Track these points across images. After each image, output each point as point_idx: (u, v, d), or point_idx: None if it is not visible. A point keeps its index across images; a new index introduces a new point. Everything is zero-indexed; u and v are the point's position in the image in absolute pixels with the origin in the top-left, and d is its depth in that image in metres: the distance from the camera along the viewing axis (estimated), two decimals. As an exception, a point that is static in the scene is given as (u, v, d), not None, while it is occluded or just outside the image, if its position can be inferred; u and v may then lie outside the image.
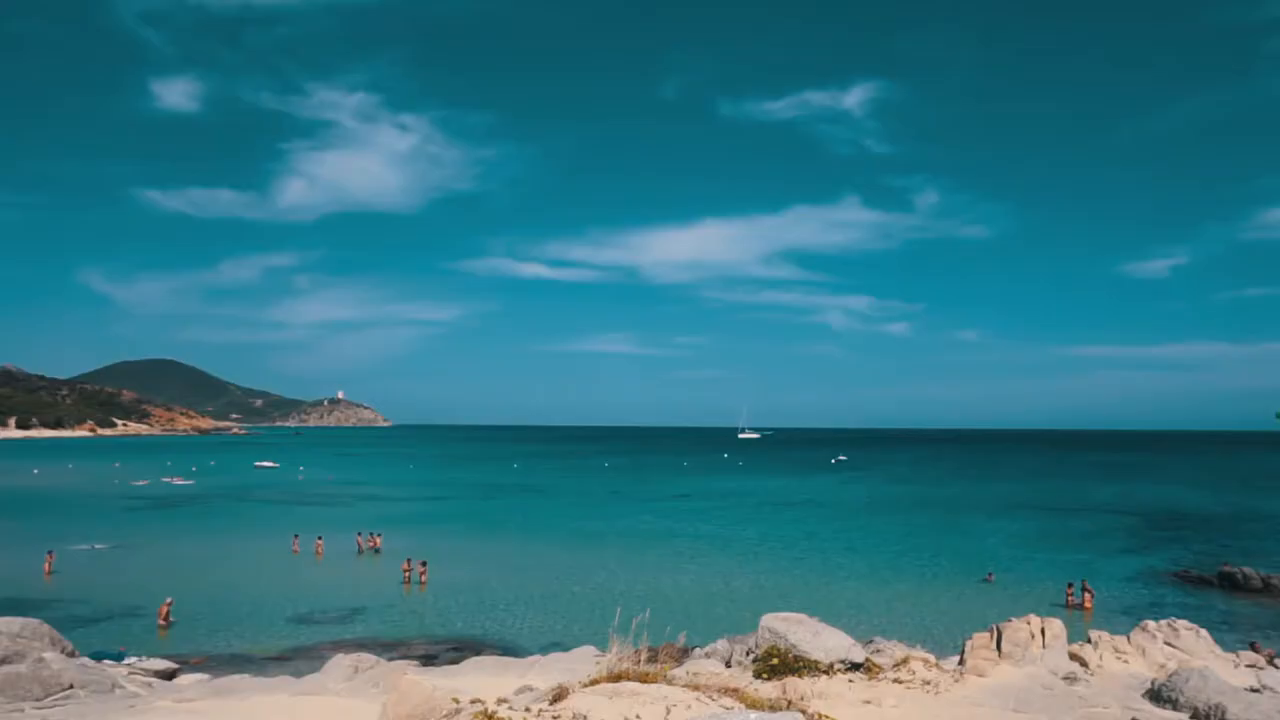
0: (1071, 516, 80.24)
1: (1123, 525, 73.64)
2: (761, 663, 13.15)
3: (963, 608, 38.79)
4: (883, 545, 60.67)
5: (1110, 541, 63.81)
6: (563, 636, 32.72)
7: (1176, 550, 59.76)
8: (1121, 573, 50.73)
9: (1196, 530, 70.84)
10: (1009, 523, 74.96)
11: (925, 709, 11.09)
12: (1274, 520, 78.68)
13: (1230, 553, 57.53)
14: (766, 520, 75.68)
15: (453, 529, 67.51)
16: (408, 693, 10.77)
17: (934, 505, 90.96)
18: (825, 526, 71.28)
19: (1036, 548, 60.14)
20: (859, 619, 34.73)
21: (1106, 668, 13.05)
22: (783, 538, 64.10)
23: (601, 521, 73.04)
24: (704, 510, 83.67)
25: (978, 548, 59.48)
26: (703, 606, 39.34)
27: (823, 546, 59.93)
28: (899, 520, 76.48)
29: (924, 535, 66.37)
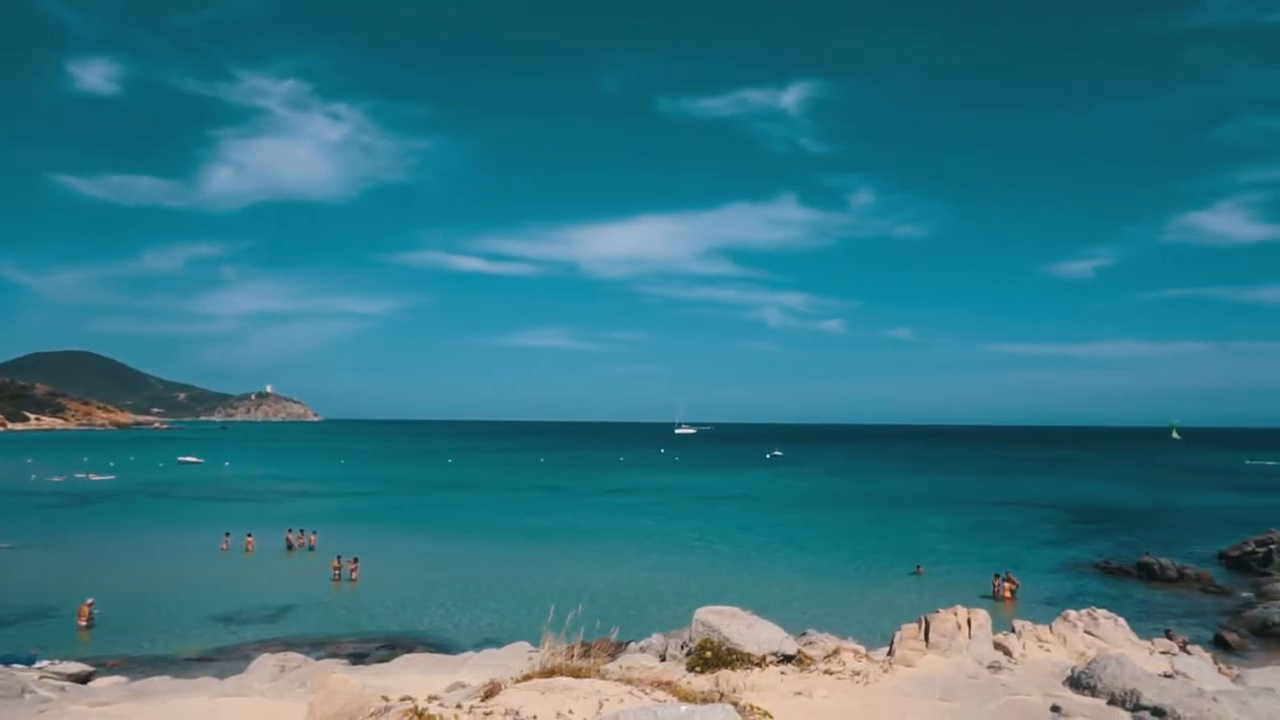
0: (999, 510, 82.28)
1: (1048, 518, 75.77)
2: (695, 656, 13.18)
3: (893, 600, 39.50)
4: (817, 539, 61.50)
5: (1036, 534, 65.61)
6: (497, 633, 32.46)
7: (1098, 542, 61.71)
8: (1046, 564, 52.21)
9: (1117, 523, 73.25)
10: (939, 516, 76.60)
11: (855, 699, 11.22)
12: (1188, 513, 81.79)
13: (1148, 544, 59.54)
14: (702, 515, 76.14)
15: (385, 525, 66.53)
16: (335, 691, 10.55)
17: (867, 499, 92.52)
18: (760, 521, 71.96)
19: (965, 540, 61.54)
20: (793, 612, 35.07)
21: (1030, 656, 13.37)
22: (718, 532, 64.56)
23: (537, 517, 72.68)
24: (640, 505, 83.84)
25: (909, 541, 60.63)
26: (638, 601, 39.39)
27: (758, 541, 60.50)
28: (833, 514, 77.65)
29: (857, 529, 67.46)
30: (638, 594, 41.47)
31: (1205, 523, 73.58)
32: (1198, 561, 51.54)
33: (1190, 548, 58.80)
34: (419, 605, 38.60)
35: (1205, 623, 38.24)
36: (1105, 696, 10.72)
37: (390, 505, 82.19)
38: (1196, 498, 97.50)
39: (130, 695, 16.90)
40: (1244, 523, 69.48)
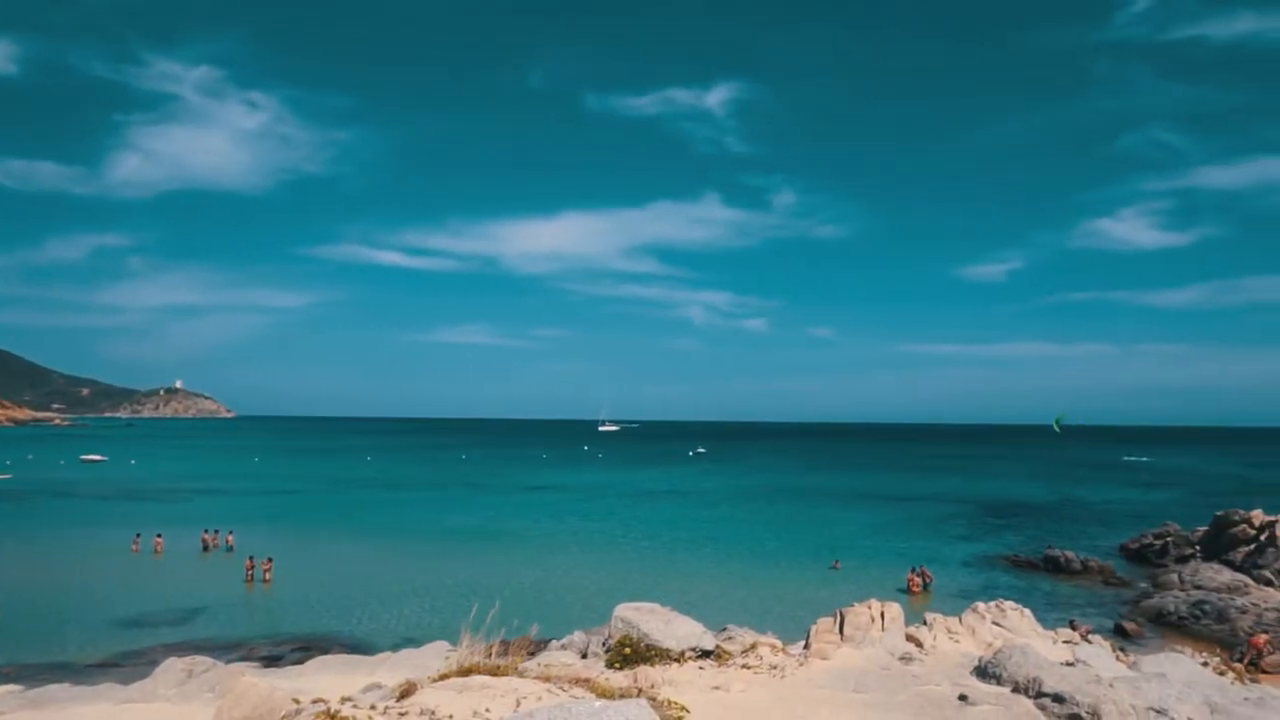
0: (915, 505, 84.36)
1: (961, 514, 77.94)
2: (614, 652, 13.21)
3: (812, 594, 40.13)
4: (738, 535, 62.17)
5: (950, 529, 67.45)
6: (416, 632, 32.02)
7: (1008, 536, 63.75)
8: (959, 558, 53.75)
9: (1025, 517, 75.78)
10: (857, 512, 78.20)
11: (771, 692, 11.38)
12: (1092, 507, 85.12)
13: (1054, 538, 61.83)
14: (625, 512, 76.29)
15: (301, 524, 64.97)
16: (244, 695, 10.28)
17: (788, 496, 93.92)
18: (683, 517, 72.44)
19: (882, 535, 62.95)
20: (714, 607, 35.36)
21: (940, 647, 13.74)
22: (642, 529, 64.79)
23: (458, 515, 71.90)
24: (563, 503, 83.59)
25: (828, 536, 61.76)
26: (561, 599, 39.29)
27: (681, 537, 60.88)
28: (754, 511, 78.61)
29: (778, 525, 68.43)
30: (560, 592, 41.36)
31: (1107, 517, 76.67)
32: (1100, 554, 53.69)
33: (1093, 541, 61.20)
34: (336, 606, 37.83)
35: (1106, 612, 39.87)
36: (1010, 685, 11.10)
37: (306, 504, 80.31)
38: (1098, 493, 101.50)
39: (26, 704, 16.18)
40: (1143, 517, 72.63)
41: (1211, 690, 12.86)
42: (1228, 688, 13.98)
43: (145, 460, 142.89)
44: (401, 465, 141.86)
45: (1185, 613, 37.68)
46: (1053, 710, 10.24)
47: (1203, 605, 37.59)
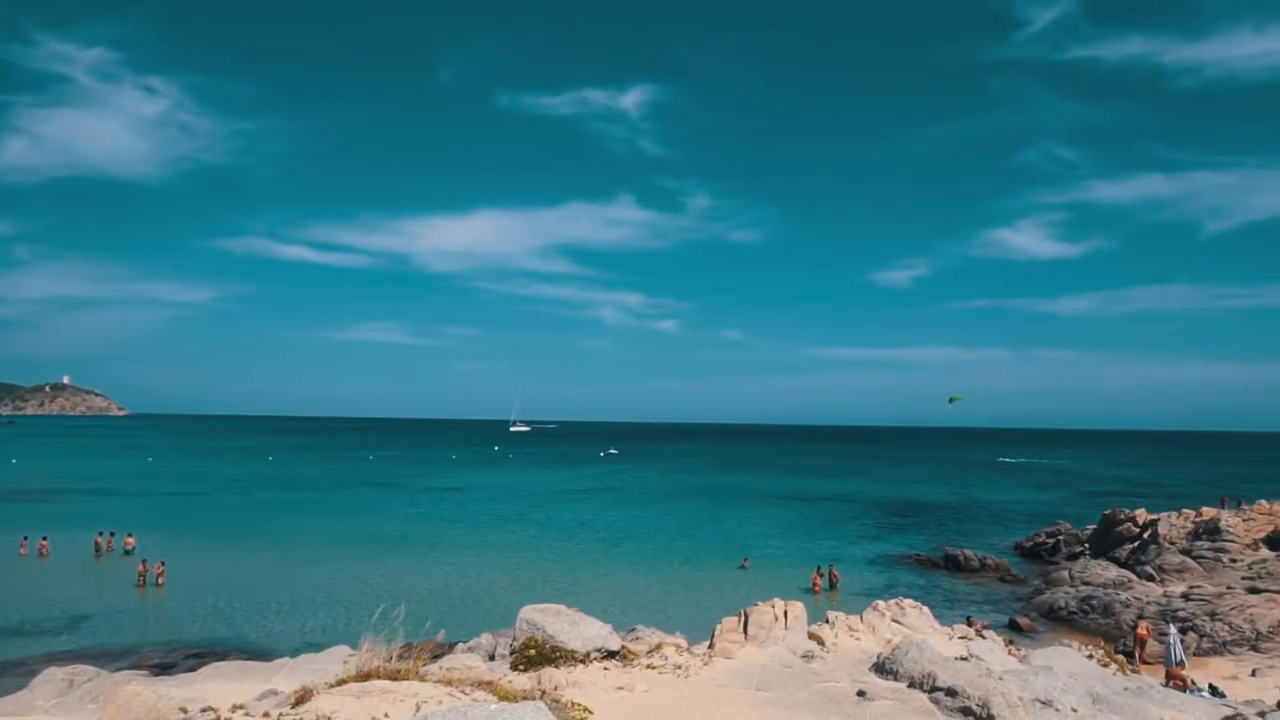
0: (822, 505, 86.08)
1: (866, 513, 79.86)
2: (519, 655, 13.08)
3: (719, 594, 40.55)
4: (649, 535, 62.45)
5: (856, 529, 69.03)
6: (317, 637, 31.19)
7: (911, 536, 65.57)
8: (864, 557, 55.04)
9: (928, 517, 78.09)
10: (766, 512, 79.39)
11: (674, 692, 11.42)
12: (989, 507, 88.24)
13: (955, 537, 63.90)
14: (537, 513, 75.85)
15: (197, 526, 62.68)
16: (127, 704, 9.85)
17: (699, 496, 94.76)
18: (594, 518, 72.41)
19: (790, 535, 64.04)
20: (624, 608, 35.51)
21: (841, 645, 14.01)
22: (552, 530, 64.51)
23: (364, 517, 70.38)
24: (473, 504, 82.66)
25: (737, 536, 62.54)
26: (469, 601, 38.87)
27: (592, 538, 60.85)
28: (665, 511, 79.08)
29: (688, 525, 68.97)
30: (468, 594, 40.91)
31: (1003, 516, 79.60)
32: (996, 552, 55.68)
33: (990, 539, 63.42)
34: (233, 611, 36.64)
35: (1002, 608, 41.39)
36: (906, 680, 11.38)
37: (204, 505, 77.51)
38: (995, 493, 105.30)
39: (-111, 718, 15.17)
40: (1037, 516, 75.68)
41: (1095, 681, 13.43)
42: (1110, 678, 14.61)
43: (28, 459, 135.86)
44: (306, 465, 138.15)
45: (1075, 607, 39.33)
46: (946, 704, 10.54)
47: (1090, 600, 39.30)
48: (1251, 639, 32.28)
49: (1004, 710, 10.19)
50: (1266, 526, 45.88)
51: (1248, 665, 30.72)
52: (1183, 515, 50.17)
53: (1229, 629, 32.85)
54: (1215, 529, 45.87)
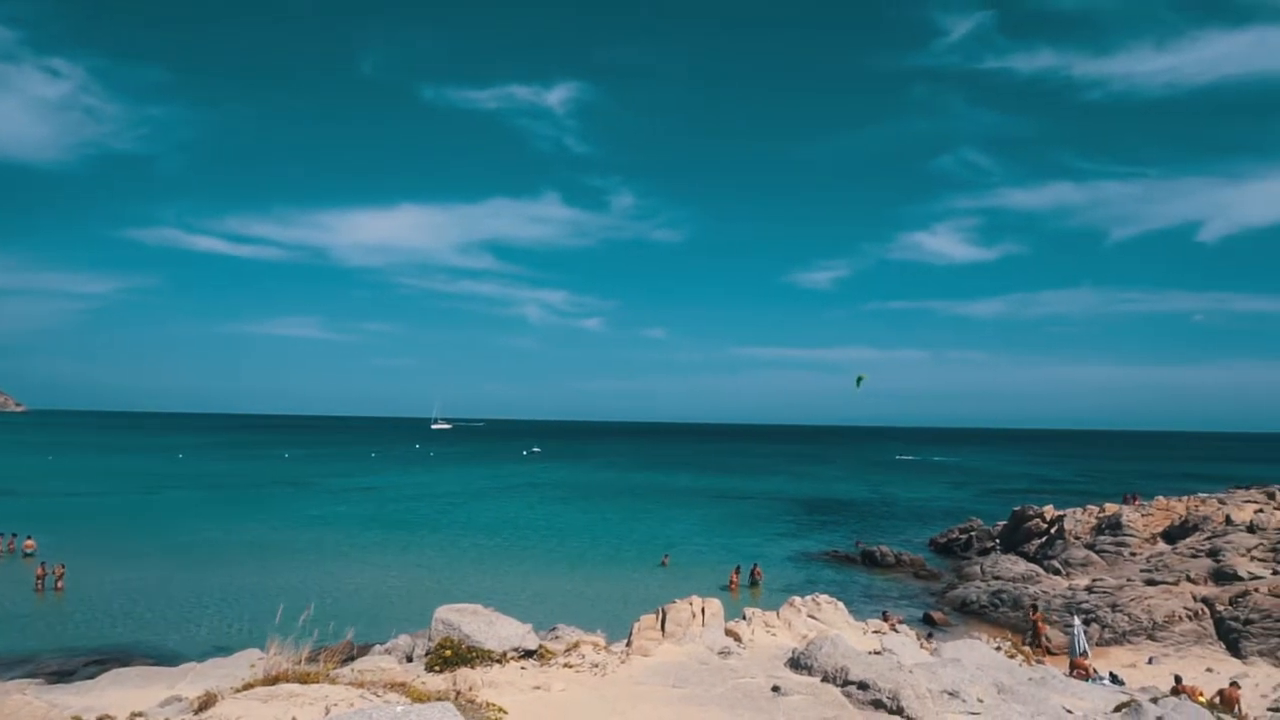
0: (743, 503, 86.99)
1: (787, 511, 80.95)
2: (434, 655, 12.91)
3: (641, 591, 40.67)
4: (571, 534, 62.28)
5: (776, 526, 69.91)
6: (227, 641, 30.26)
7: (830, 533, 66.71)
8: (784, 554, 55.77)
9: (846, 514, 79.59)
10: (688, 510, 79.92)
11: (591, 690, 11.40)
12: (905, 504, 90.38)
13: (872, 533, 65.30)
14: (457, 512, 74.98)
15: (100, 527, 60.20)
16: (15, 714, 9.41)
17: (621, 494, 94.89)
18: (516, 517, 71.90)
19: (711, 533, 64.54)
20: (545, 607, 35.32)
21: (758, 641, 14.16)
22: (474, 529, 63.83)
23: (278, 516, 68.60)
24: (392, 503, 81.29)
25: (659, 534, 62.78)
26: (388, 602, 38.21)
27: (513, 537, 60.40)
28: (587, 509, 78.96)
29: (611, 523, 68.99)
30: (387, 595, 40.21)
31: (920, 513, 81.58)
32: (912, 548, 57.02)
33: (905, 536, 64.93)
34: (138, 615, 35.31)
35: (916, 603, 42.40)
36: (820, 674, 11.56)
37: (107, 505, 74.42)
38: (911, 490, 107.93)
39: None
40: (951, 512, 77.77)
41: (1000, 672, 13.83)
42: (1015, 669, 15.07)
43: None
44: (217, 463, 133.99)
45: (985, 601, 40.52)
46: (858, 697, 10.73)
47: (1000, 594, 40.53)
48: (1149, 629, 33.67)
49: (913, 702, 10.42)
50: (1164, 521, 47.94)
51: (1145, 654, 32.09)
52: (1087, 511, 52.12)
53: (1128, 620, 34.21)
54: (1117, 524, 47.75)
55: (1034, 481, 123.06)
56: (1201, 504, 49.89)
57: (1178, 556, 41.70)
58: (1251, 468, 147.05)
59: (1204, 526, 44.80)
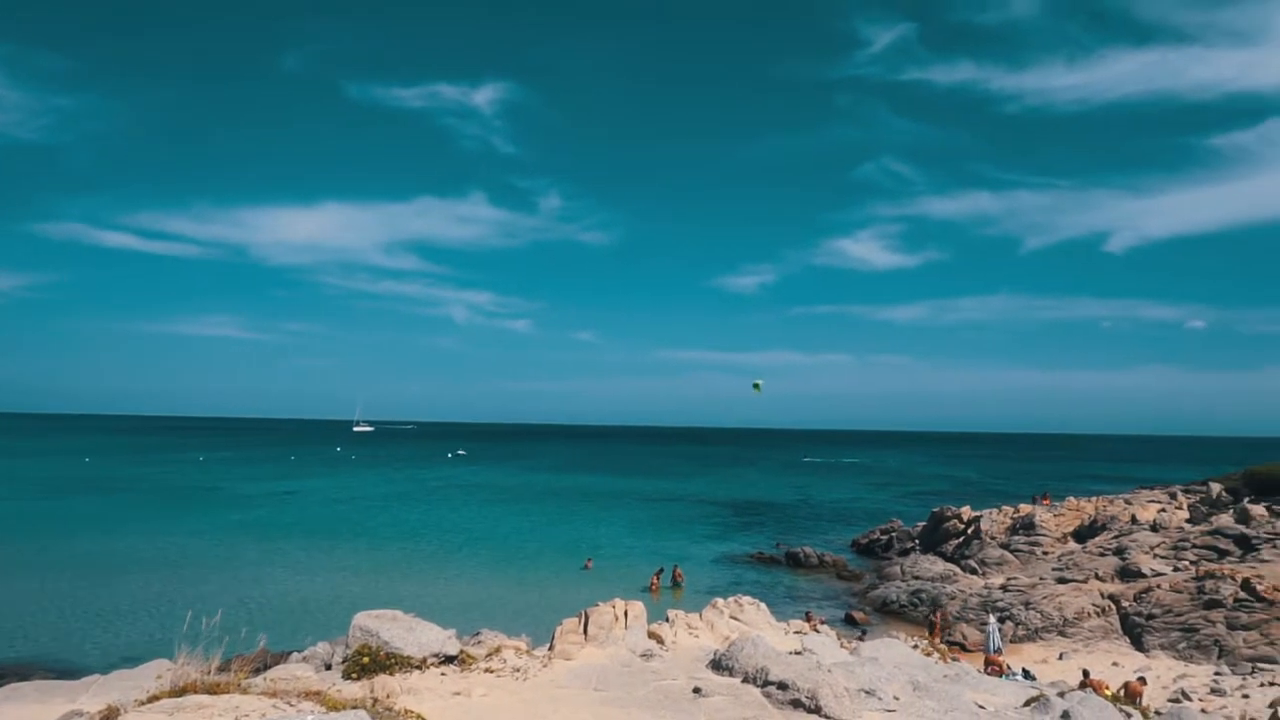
0: (669, 506, 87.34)
1: (713, 513, 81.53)
2: (351, 663, 12.67)
3: (564, 595, 40.48)
4: (496, 537, 61.75)
5: (701, 528, 70.34)
6: (135, 651, 29.14)
7: (755, 534, 67.39)
8: (708, 556, 56.15)
9: (771, 515, 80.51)
10: (614, 512, 79.93)
11: (513, 695, 11.30)
12: (828, 505, 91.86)
13: (795, 535, 66.19)
14: (380, 516, 73.69)
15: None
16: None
17: (547, 497, 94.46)
18: (440, 520, 71.00)
19: (636, 535, 64.64)
20: (470, 612, 34.97)
21: (680, 643, 14.21)
22: (396, 534, 62.82)
23: (191, 521, 66.46)
24: (312, 507, 79.51)
25: (585, 537, 62.64)
26: (308, 609, 37.41)
27: (437, 541, 59.63)
28: (513, 512, 78.39)
29: (535, 526, 68.61)
30: (307, 601, 39.31)
31: (843, 514, 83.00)
32: (835, 549, 57.96)
33: (829, 537, 65.97)
34: (38, 625, 33.88)
35: (838, 603, 43.11)
36: (740, 675, 11.65)
37: (7, 512, 71.14)
38: (834, 492, 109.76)
39: None
40: (873, 513, 79.26)
41: (917, 670, 14.13)
42: (931, 666, 15.41)
43: None
44: (127, 467, 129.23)
45: (905, 601, 41.39)
46: (778, 697, 10.84)
47: (920, 594, 41.44)
48: (1060, 625, 34.79)
49: (831, 701, 10.56)
50: (1074, 521, 49.63)
51: (1056, 649, 33.14)
52: (1002, 512, 53.66)
53: (1041, 617, 35.30)
54: (1030, 524, 49.27)
55: (953, 483, 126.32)
56: (1109, 504, 51.79)
57: (1087, 555, 43.17)
58: (1155, 468, 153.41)
59: (1111, 526, 46.51)
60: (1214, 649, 31.48)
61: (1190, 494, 54.66)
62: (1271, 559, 36.15)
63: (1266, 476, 48.58)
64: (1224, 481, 53.45)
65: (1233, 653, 30.98)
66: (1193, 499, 51.91)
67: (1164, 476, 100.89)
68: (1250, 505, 44.02)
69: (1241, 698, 26.28)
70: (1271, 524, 40.17)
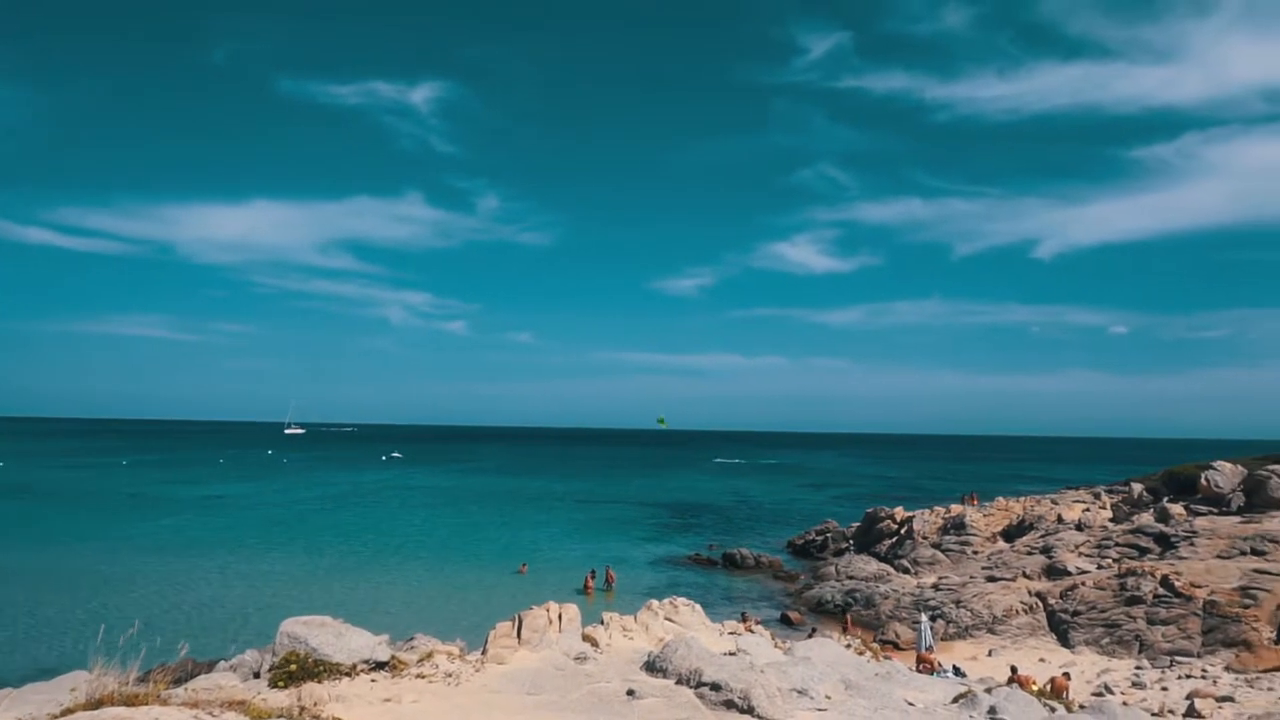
0: (607, 508, 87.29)
1: (650, 515, 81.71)
2: (278, 670, 12.36)
3: (501, 599, 40.16)
4: (431, 541, 61.05)
5: (639, 531, 70.42)
6: (52, 663, 28.17)
7: (693, 536, 67.69)
8: (646, 558, 56.26)
9: (709, 517, 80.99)
10: (551, 515, 79.65)
11: (444, 701, 11.15)
12: (764, 506, 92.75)
13: (732, 536, 66.66)
14: (311, 521, 72.26)
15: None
16: None
17: (483, 500, 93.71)
18: (375, 524, 69.93)
19: (573, 538, 64.47)
20: (404, 617, 34.53)
21: (615, 645, 14.17)
22: (329, 538, 61.68)
23: (114, 528, 64.41)
24: (242, 511, 77.68)
25: (520, 540, 62.28)
26: (237, 617, 36.62)
27: (372, 545, 58.72)
28: (448, 516, 77.61)
29: (471, 530, 68.00)
30: (236, 609, 38.41)
31: (780, 515, 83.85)
32: (771, 550, 58.52)
33: (766, 538, 66.58)
34: (-50, 637, 32.50)
35: (774, 603, 43.51)
36: (674, 677, 11.66)
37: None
38: (771, 493, 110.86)
39: None
40: (810, 515, 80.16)
41: (849, 669, 14.31)
42: (863, 665, 15.62)
43: None
44: (45, 471, 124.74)
45: (840, 600, 41.93)
46: (711, 698, 10.88)
47: (854, 593, 42.03)
48: (989, 623, 35.58)
49: (763, 701, 10.63)
50: (1003, 521, 50.84)
51: (986, 646, 33.87)
52: (934, 512, 54.71)
53: (971, 615, 36.06)
54: (961, 524, 50.33)
55: (888, 484, 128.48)
56: (1036, 504, 53.15)
57: (1015, 554, 44.25)
58: (1081, 469, 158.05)
59: (1039, 525, 47.75)
60: (1135, 644, 32.49)
61: (1113, 494, 56.34)
62: (1189, 556, 37.46)
63: (1184, 477, 50.27)
64: (1145, 482, 55.19)
65: (1152, 647, 32.02)
66: (1116, 499, 53.54)
67: (1089, 477, 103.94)
68: (1169, 505, 45.58)
69: (1161, 690, 27.18)
70: (1189, 522, 41.63)
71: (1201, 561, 36.46)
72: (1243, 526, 39.39)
